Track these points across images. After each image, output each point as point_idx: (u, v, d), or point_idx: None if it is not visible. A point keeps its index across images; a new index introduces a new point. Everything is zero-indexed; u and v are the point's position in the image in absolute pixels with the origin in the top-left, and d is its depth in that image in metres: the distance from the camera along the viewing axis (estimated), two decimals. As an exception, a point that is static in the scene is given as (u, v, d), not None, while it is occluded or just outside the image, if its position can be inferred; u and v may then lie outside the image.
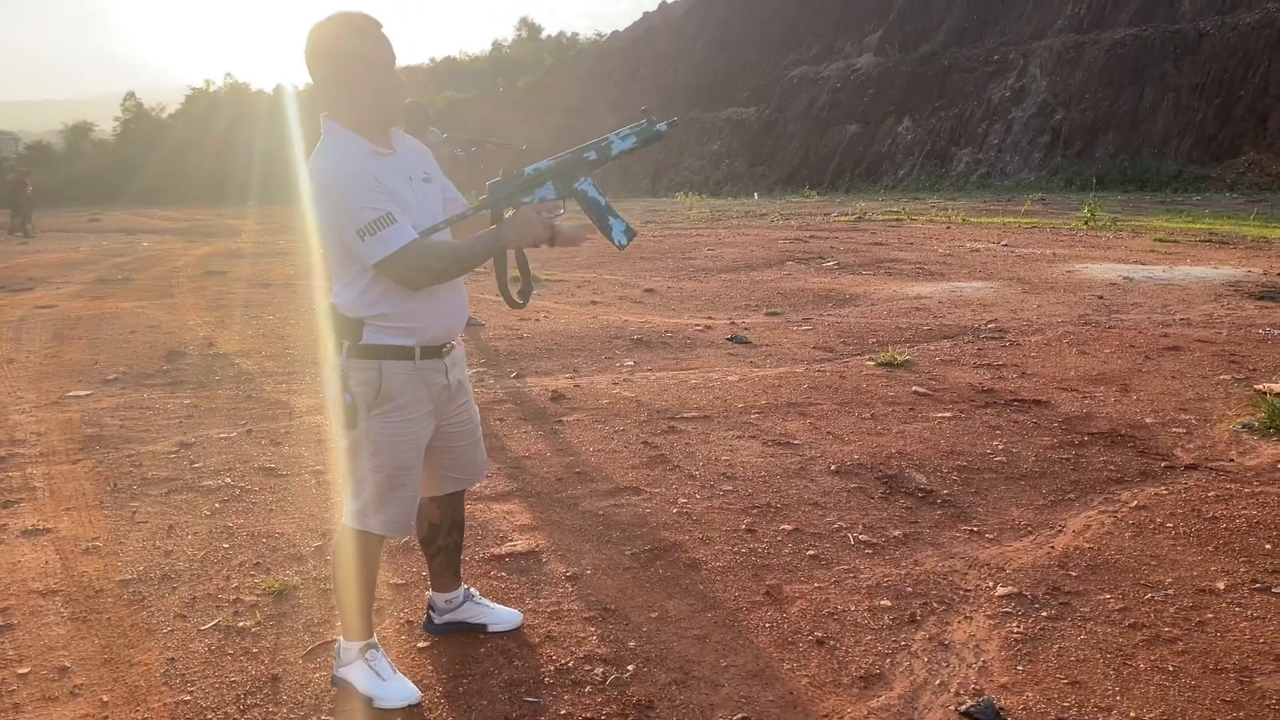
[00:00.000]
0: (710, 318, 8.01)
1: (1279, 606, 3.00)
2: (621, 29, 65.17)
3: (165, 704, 2.58)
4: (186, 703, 2.59)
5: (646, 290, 9.58)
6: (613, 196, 2.31)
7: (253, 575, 3.36)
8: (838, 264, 11.14)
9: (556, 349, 7.03)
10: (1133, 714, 2.45)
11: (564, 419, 5.18)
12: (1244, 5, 32.66)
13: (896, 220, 18.65)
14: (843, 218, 18.05)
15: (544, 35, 74.17)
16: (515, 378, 6.12)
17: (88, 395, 5.96)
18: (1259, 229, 14.51)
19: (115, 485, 4.27)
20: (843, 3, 48.28)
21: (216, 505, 4.03)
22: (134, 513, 3.95)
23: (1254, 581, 3.16)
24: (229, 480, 4.34)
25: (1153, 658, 2.73)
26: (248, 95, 76.85)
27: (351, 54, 2.37)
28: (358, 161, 2.40)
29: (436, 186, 2.62)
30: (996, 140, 37.67)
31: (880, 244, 13.49)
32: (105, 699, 2.61)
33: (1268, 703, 2.48)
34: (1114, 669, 2.68)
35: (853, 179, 40.87)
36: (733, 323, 7.77)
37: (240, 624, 3.02)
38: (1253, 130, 30.04)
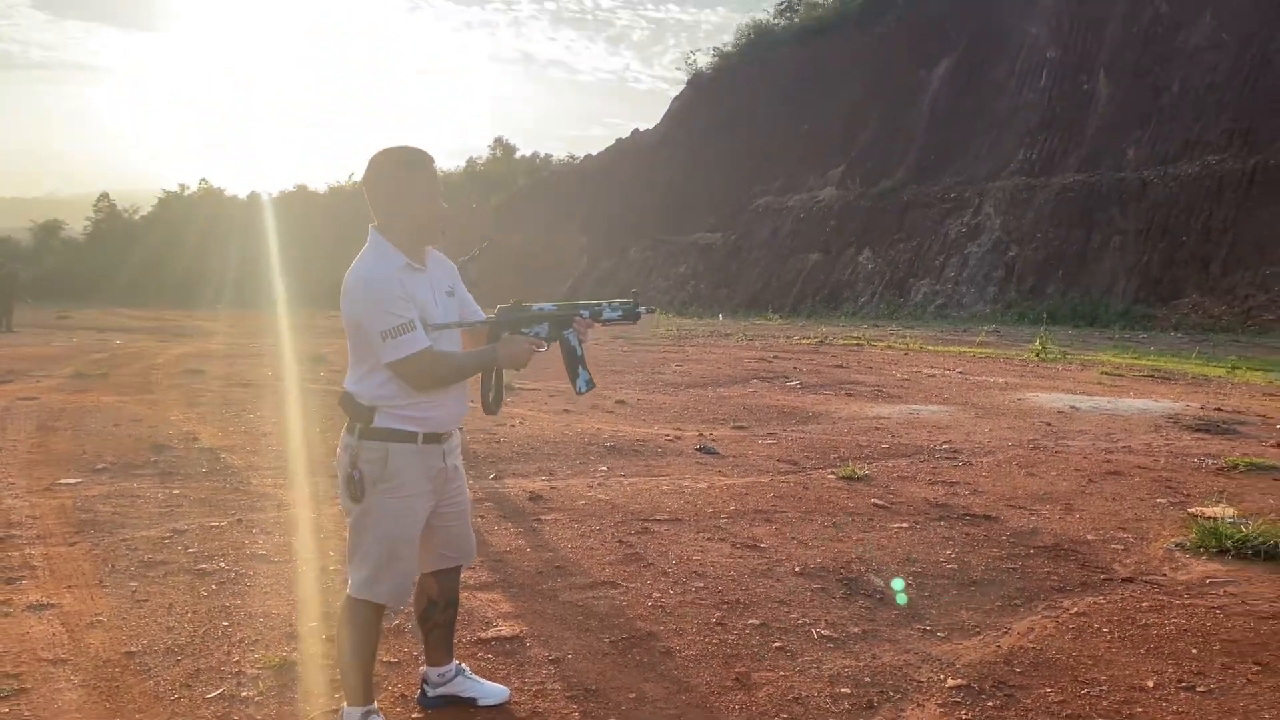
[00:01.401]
0: (679, 429, 8.35)
1: (1201, 703, 3.29)
2: (594, 153, 67.33)
3: (179, 761, 2.77)
4: (197, 762, 2.78)
5: (618, 401, 9.92)
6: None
7: (252, 651, 3.56)
8: (800, 384, 11.60)
9: (533, 453, 7.31)
10: (1066, 788, 2.72)
11: (542, 518, 5.44)
12: (1185, 157, 34.64)
13: (856, 345, 19.30)
14: (804, 341, 18.67)
15: (518, 155, 76.24)
16: (494, 479, 6.38)
17: (78, 483, 6.13)
18: (1199, 367, 15.24)
19: (113, 566, 4.45)
20: (807, 138, 50.46)
21: (213, 587, 4.22)
22: (133, 591, 4.14)
23: (1180, 681, 3.46)
24: (224, 565, 4.53)
25: (1086, 743, 3.01)
26: (221, 200, 77.95)
27: (405, 185, 2.79)
28: (393, 272, 2.77)
29: (457, 300, 3.01)
30: (953, 273, 39.08)
31: (841, 367, 14.02)
32: (124, 754, 2.79)
33: (1185, 780, 2.76)
34: (1051, 751, 2.95)
35: (814, 304, 42.01)
36: (701, 434, 8.11)
37: (244, 694, 3.21)
38: (1195, 274, 31.49)
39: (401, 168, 2.82)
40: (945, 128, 44.11)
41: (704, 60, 60.50)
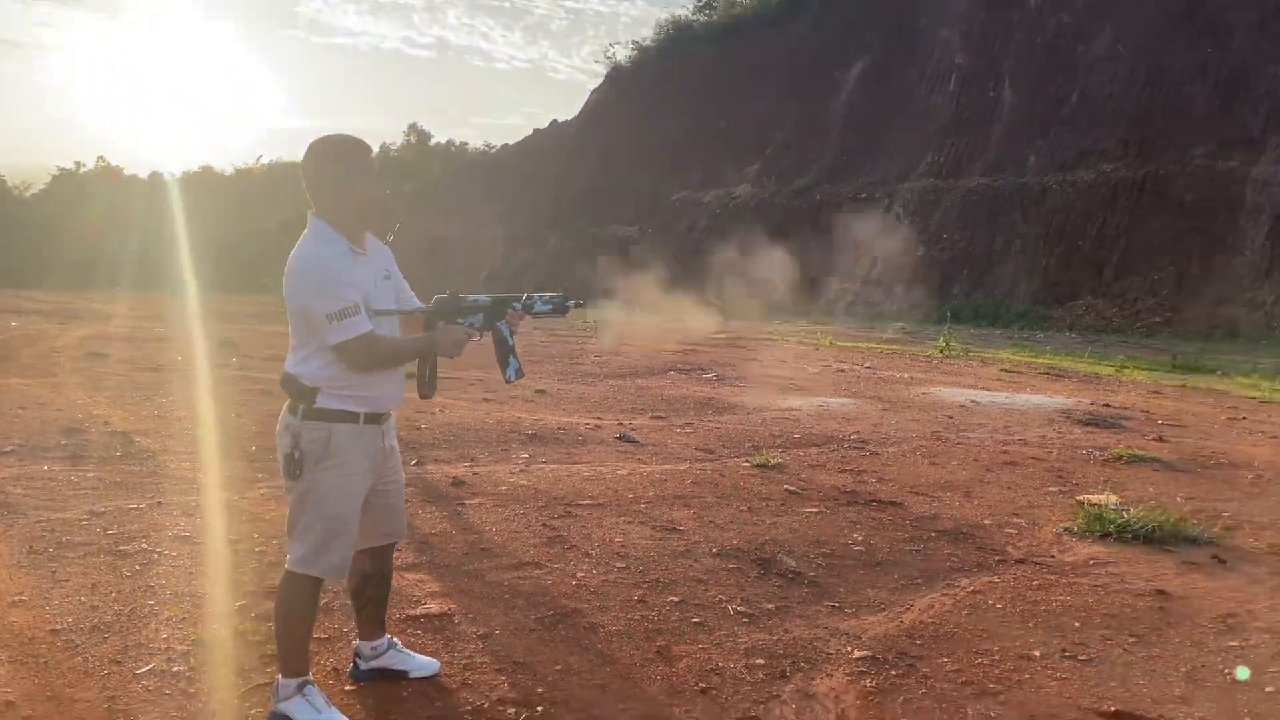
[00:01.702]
0: (599, 418, 8.50)
1: (1082, 670, 3.59)
2: (511, 142, 66.94)
3: (116, 732, 2.82)
4: (133, 734, 2.83)
5: (538, 391, 10.03)
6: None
7: (180, 628, 3.60)
8: (716, 376, 11.87)
9: (454, 440, 7.38)
10: (960, 745, 2.96)
11: (466, 502, 5.53)
12: (1082, 165, 36.12)
13: (770, 340, 19.72)
14: (719, 335, 18.99)
15: (433, 142, 75.26)
16: (415, 465, 6.44)
17: (-15, 465, 5.99)
18: (1091, 365, 16.01)
19: (30, 548, 4.41)
20: (725, 135, 51.06)
21: (136, 567, 4.22)
22: (54, 572, 4.12)
23: (1063, 651, 3.75)
24: (145, 546, 4.52)
25: (979, 707, 3.27)
26: (121, 179, 75.14)
27: (346, 173, 2.87)
28: (336, 257, 2.86)
29: (393, 284, 3.10)
30: (863, 272, 40.06)
31: (755, 360, 14.36)
32: (59, 726, 2.83)
33: (1065, 736, 3.03)
34: (948, 715, 3.20)
35: (729, 299, 42.58)
36: (620, 423, 8.28)
37: (175, 669, 3.26)
38: (1090, 278, 32.91)
39: (341, 155, 2.91)
40: (859, 129, 45.13)
41: (623, 54, 60.71)
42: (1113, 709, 3.24)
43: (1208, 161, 32.81)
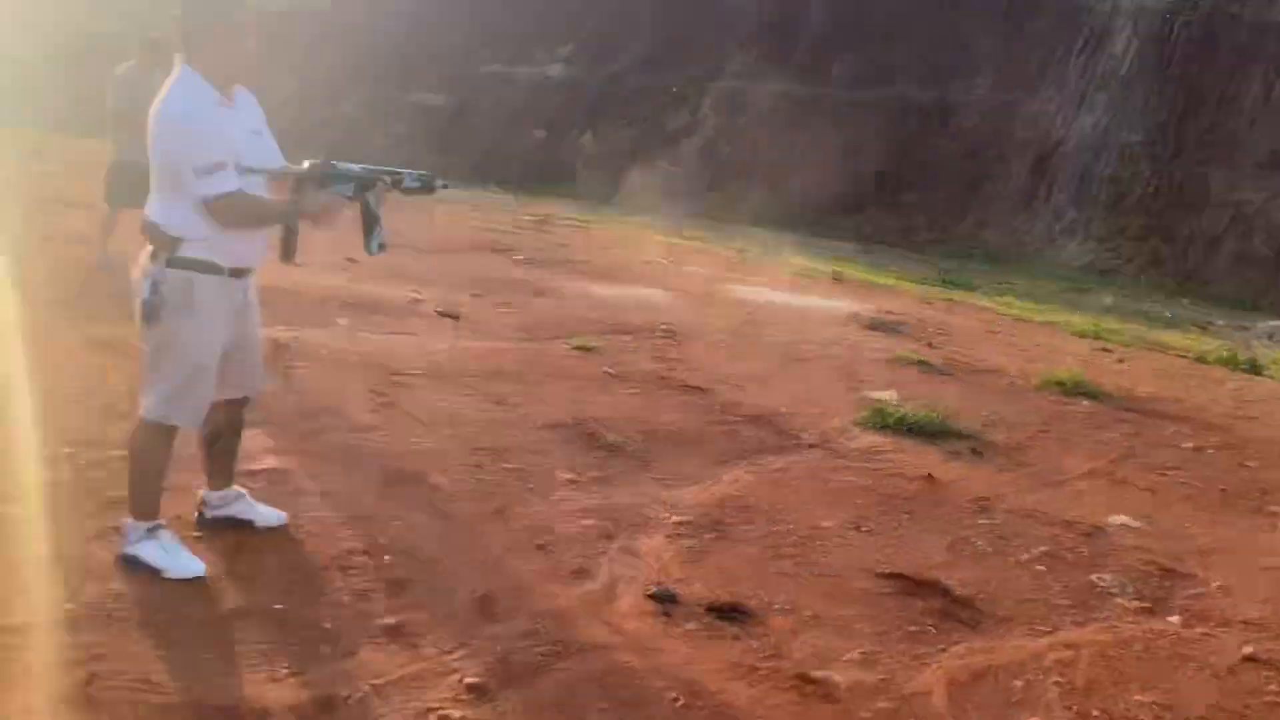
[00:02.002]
0: (418, 291, 8.48)
1: (865, 539, 4.14)
2: (312, -10, 62.35)
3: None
4: (-24, 575, 2.82)
5: (349, 259, 9.82)
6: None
7: (10, 477, 3.50)
8: (527, 259, 11.97)
9: (268, 304, 7.15)
10: (764, 595, 3.42)
11: (293, 366, 5.51)
12: (881, 83, 37.84)
13: (579, 225, 19.90)
14: (529, 217, 18.97)
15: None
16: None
17: None
18: (869, 274, 17.23)
19: None
20: (538, 13, 49.68)
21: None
22: None
23: (850, 523, 4.30)
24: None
25: (779, 565, 3.74)
26: None
27: (225, 21, 2.81)
28: (206, 110, 2.83)
29: (263, 141, 3.08)
30: (668, 165, 40.64)
31: (565, 245, 14.53)
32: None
33: (853, 594, 3.55)
34: (753, 570, 3.65)
35: (538, 182, 42.18)
36: (440, 298, 8.31)
37: (12, 511, 3.21)
38: (874, 192, 34.89)
39: (222, 2, 2.84)
40: (671, 23, 45.05)
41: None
42: (889, 571, 3.79)
43: (989, 94, 35.20)
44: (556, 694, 2.67)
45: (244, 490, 3.41)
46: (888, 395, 6.65)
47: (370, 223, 3.18)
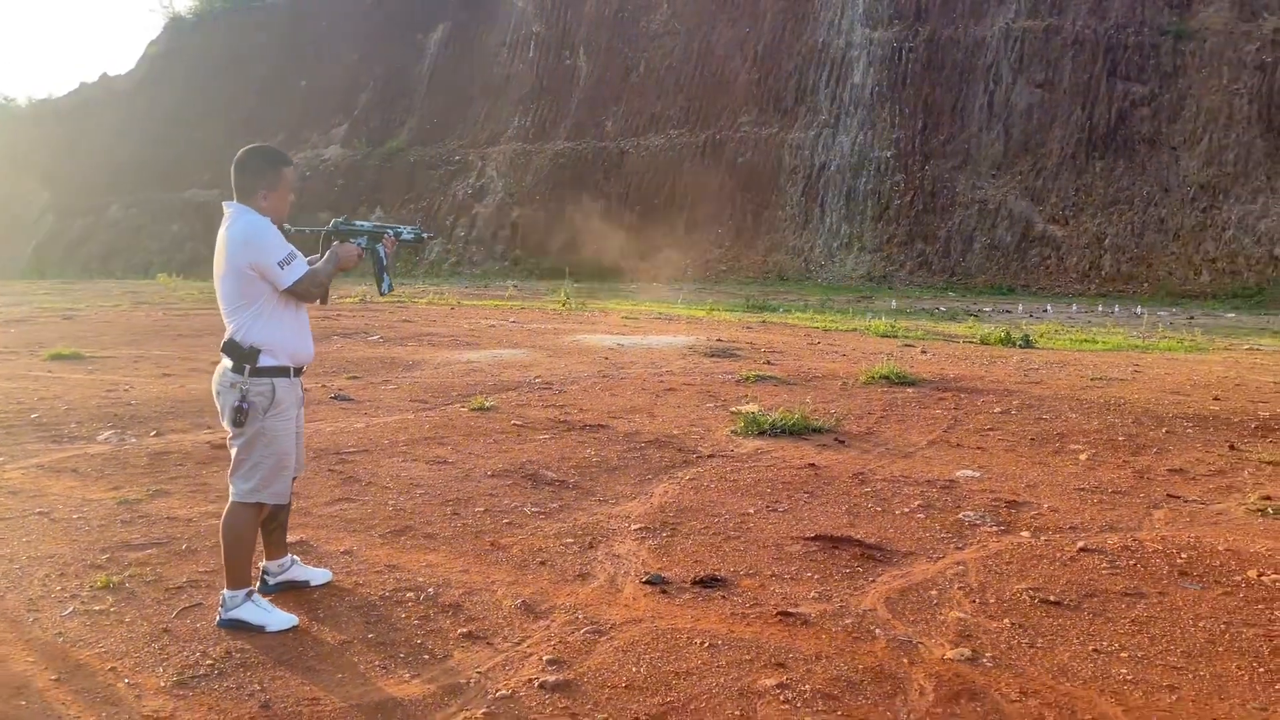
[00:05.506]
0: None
1: (782, 517, 5.11)
2: (57, 96, 59.27)
3: (89, 655, 3.30)
4: (105, 652, 3.33)
5: (213, 362, 10.07)
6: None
7: (71, 580, 3.95)
8: (381, 337, 12.48)
9: (174, 411, 7.52)
10: (729, 566, 4.32)
11: (241, 461, 5.97)
12: (653, 130, 40.05)
13: (400, 302, 20.32)
14: (347, 299, 19.26)
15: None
16: (155, 436, 6.64)
17: None
18: (687, 310, 18.61)
19: None
20: (306, 95, 49.39)
21: (-35, 546, 4.35)
22: (-124, 560, 4.14)
23: (767, 507, 5.27)
24: (-49, 529, 4.58)
25: (729, 544, 4.65)
26: None
27: (275, 176, 3.55)
28: (271, 226, 3.56)
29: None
30: (463, 233, 41.31)
31: (408, 321, 15.05)
32: (30, 659, 3.25)
33: (793, 555, 4.51)
34: (711, 552, 4.54)
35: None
36: (324, 385, 8.79)
37: (97, 608, 3.69)
38: (666, 233, 36.83)
39: (273, 164, 3.59)
40: (445, 92, 45.97)
41: (182, 4, 55.97)
42: (812, 535, 4.78)
43: (752, 129, 38.05)
44: (616, 655, 3.46)
45: (295, 557, 4.01)
46: (753, 408, 7.73)
47: (379, 269, 3.98)
